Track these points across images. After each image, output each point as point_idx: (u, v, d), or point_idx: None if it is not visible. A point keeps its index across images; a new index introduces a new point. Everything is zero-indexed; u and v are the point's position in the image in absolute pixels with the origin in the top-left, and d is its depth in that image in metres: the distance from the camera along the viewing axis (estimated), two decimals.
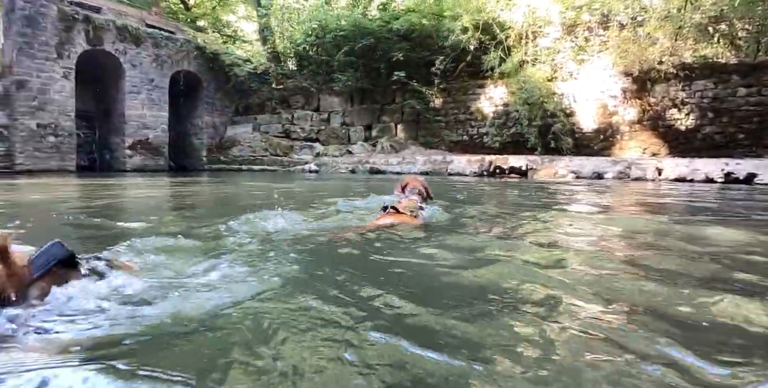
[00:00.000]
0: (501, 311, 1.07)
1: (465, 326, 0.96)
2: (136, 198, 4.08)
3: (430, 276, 1.41)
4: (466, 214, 2.79)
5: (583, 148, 10.63)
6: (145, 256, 1.52)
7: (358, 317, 1.00)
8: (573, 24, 11.76)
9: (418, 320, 1.00)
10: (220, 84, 16.04)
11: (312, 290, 1.19)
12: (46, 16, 11.94)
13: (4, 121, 12.02)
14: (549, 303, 1.12)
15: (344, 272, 1.39)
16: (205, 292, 1.17)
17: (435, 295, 1.21)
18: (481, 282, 1.31)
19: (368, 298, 1.14)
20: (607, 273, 1.40)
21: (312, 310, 1.04)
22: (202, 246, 1.74)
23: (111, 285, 1.16)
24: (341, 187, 6.08)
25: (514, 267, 1.46)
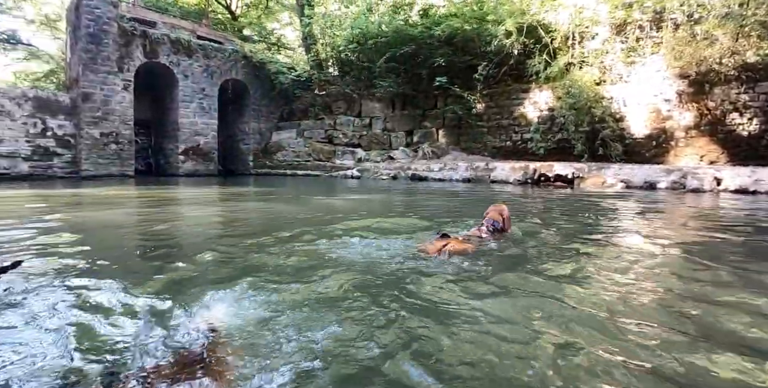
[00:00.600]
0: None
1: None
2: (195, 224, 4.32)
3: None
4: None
5: (634, 156, 10.20)
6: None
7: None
8: (623, 23, 11.27)
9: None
10: (266, 91, 16.59)
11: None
12: (108, 32, 12.77)
13: (71, 131, 13.00)
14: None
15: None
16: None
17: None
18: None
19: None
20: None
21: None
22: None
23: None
24: (380, 203, 6.18)
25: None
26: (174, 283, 1.95)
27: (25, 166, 12.21)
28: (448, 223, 3.59)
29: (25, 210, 4.93)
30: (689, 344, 1.29)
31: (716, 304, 1.65)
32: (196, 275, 2.08)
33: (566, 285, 1.86)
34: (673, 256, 2.45)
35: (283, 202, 6.15)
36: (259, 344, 1.29)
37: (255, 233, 3.37)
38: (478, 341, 1.32)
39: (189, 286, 1.89)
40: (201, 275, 2.09)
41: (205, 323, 1.44)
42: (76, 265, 2.22)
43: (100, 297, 1.71)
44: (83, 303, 1.65)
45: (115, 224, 3.98)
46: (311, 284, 1.85)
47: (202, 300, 1.66)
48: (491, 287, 1.83)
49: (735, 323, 1.46)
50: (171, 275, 2.08)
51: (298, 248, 2.61)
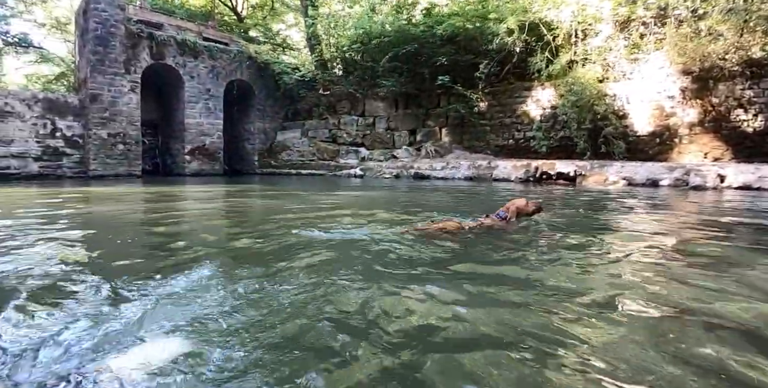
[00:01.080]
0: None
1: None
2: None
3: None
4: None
5: (637, 153, 10.15)
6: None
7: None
8: (626, 20, 11.22)
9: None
10: (270, 91, 16.73)
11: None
12: (115, 35, 12.97)
13: (79, 131, 13.23)
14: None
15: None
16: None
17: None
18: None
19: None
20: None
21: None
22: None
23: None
24: (369, 200, 6.23)
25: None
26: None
27: (35, 166, 12.46)
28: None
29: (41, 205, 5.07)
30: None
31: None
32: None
33: (521, 272, 1.91)
34: (669, 255, 2.47)
35: (288, 199, 6.23)
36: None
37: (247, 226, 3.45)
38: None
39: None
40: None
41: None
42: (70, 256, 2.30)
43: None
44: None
45: (116, 216, 4.08)
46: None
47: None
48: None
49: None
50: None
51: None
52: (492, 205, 4.96)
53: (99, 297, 1.59)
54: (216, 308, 1.44)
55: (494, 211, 3.13)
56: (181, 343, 1.15)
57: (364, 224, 3.28)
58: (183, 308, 1.44)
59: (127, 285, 1.72)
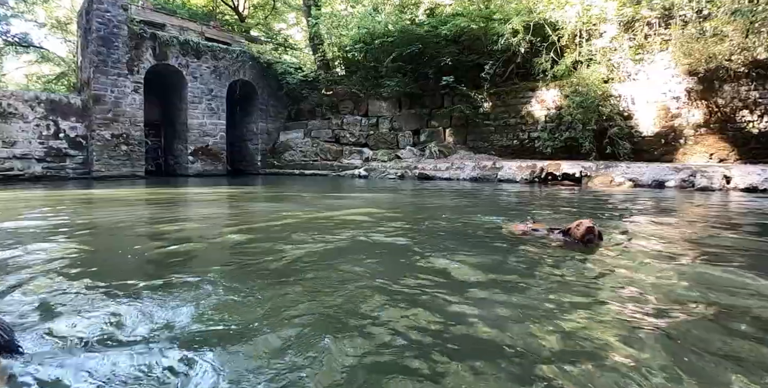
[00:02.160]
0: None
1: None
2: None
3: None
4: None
5: (643, 154, 10.15)
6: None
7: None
8: (631, 21, 11.21)
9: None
10: (273, 91, 16.71)
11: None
12: (118, 35, 12.94)
13: (82, 132, 13.21)
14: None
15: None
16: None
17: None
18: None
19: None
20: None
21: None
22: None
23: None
24: (372, 202, 6.20)
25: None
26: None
27: (38, 167, 12.44)
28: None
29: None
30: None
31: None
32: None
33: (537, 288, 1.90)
34: (680, 256, 2.47)
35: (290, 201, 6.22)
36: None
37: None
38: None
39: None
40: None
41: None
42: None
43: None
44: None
45: (119, 220, 4.07)
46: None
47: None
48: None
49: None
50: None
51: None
52: (500, 207, 4.98)
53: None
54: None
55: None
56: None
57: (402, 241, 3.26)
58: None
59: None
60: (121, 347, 1.28)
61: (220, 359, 1.20)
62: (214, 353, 1.23)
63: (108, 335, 1.37)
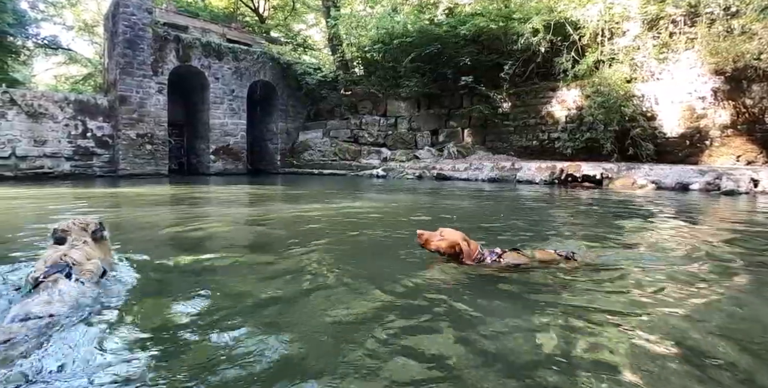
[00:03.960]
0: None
1: None
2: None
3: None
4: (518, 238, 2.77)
5: (666, 156, 9.94)
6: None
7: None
8: (655, 19, 10.97)
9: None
10: (293, 91, 16.91)
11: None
12: (143, 38, 13.27)
13: (109, 132, 13.60)
14: None
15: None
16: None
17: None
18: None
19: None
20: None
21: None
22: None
23: None
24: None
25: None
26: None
27: (67, 165, 12.87)
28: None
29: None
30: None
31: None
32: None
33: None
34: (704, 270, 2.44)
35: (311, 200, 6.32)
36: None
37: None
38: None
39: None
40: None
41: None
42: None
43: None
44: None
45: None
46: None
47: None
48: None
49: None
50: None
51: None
52: (517, 212, 4.97)
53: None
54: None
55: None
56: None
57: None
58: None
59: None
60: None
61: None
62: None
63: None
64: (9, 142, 11.91)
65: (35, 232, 3.14)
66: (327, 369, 1.17)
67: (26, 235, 3.16)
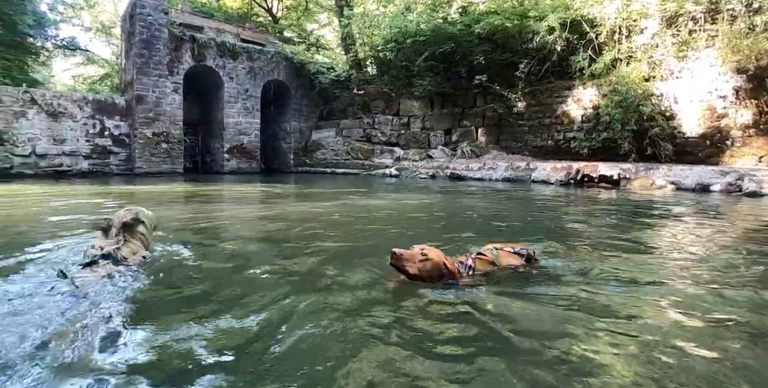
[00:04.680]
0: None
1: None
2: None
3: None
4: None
5: (686, 156, 9.74)
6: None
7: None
8: (674, 16, 10.75)
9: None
10: (306, 91, 16.97)
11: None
12: (159, 38, 13.43)
13: (126, 131, 13.79)
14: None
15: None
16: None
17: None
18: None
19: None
20: None
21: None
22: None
23: None
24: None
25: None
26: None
27: (85, 163, 13.09)
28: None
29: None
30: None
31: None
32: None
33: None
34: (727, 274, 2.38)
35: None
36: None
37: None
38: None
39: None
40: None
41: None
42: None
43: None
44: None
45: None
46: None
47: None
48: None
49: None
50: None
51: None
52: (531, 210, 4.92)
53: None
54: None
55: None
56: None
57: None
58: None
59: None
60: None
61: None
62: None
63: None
64: (29, 140, 12.15)
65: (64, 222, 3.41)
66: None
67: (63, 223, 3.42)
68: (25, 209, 5.03)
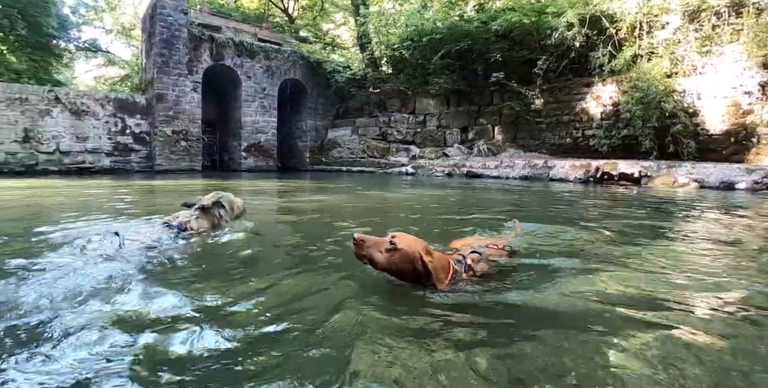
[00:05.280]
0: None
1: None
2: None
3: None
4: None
5: (709, 153, 9.51)
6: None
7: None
8: (697, 10, 10.52)
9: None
10: (322, 90, 17.06)
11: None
12: (179, 38, 13.65)
13: (146, 129, 14.04)
14: None
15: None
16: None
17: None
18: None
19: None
20: None
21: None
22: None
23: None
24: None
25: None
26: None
27: (107, 160, 13.37)
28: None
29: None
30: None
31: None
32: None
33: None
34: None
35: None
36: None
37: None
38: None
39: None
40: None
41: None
42: None
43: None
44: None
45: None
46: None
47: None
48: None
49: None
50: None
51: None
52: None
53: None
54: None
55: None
56: None
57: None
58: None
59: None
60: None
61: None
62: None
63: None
64: (54, 138, 12.46)
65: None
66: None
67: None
68: (66, 196, 5.22)
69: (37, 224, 2.92)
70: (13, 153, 11.89)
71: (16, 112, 11.92)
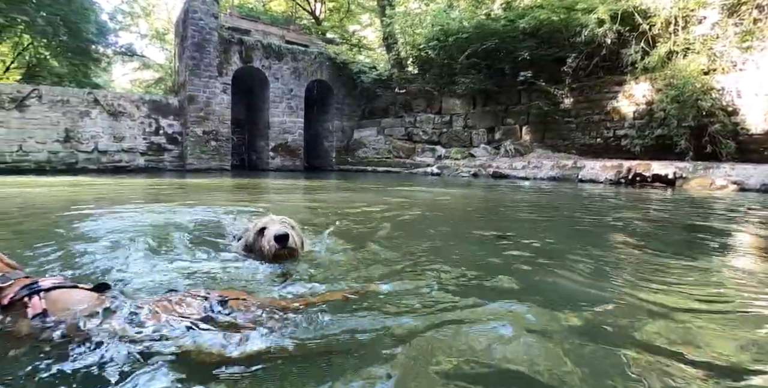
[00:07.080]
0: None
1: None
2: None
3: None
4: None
5: (750, 154, 9.07)
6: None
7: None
8: (736, 4, 10.08)
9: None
10: (348, 90, 17.20)
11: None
12: (210, 41, 14.03)
13: (178, 129, 14.49)
14: None
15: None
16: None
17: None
18: None
19: None
20: None
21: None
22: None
23: None
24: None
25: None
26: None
27: (141, 160, 13.88)
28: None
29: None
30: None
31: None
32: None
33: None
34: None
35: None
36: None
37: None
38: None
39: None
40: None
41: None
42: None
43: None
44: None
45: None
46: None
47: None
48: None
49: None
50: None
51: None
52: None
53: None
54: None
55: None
56: None
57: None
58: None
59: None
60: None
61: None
62: None
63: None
64: (92, 138, 13.02)
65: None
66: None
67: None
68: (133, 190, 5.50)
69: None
70: (55, 152, 12.49)
71: (58, 114, 12.52)
